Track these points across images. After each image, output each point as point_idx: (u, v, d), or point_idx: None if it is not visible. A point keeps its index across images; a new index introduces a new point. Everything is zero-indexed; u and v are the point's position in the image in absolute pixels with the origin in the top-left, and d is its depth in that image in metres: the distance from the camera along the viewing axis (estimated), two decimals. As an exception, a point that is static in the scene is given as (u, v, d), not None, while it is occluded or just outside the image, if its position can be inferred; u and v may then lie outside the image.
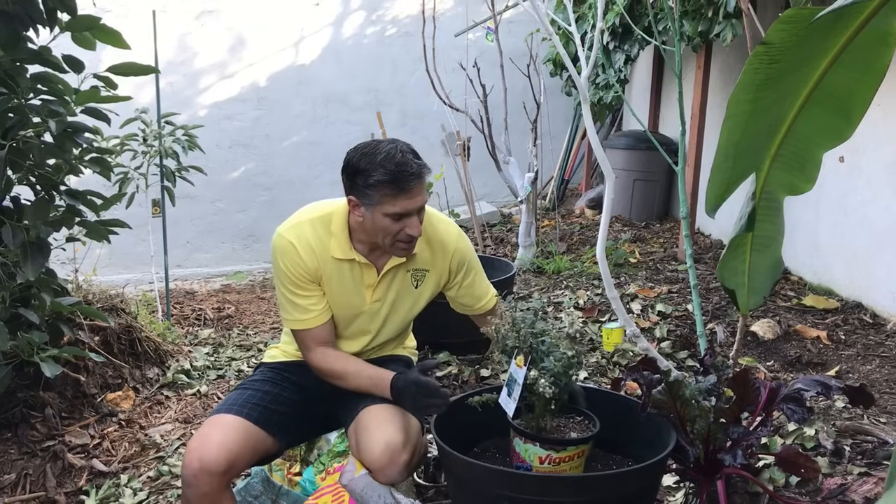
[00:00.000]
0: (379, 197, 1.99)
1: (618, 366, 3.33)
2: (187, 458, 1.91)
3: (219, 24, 6.85)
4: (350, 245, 2.13)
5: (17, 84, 2.31)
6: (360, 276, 2.17)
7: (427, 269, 2.26)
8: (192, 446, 1.93)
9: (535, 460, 1.84)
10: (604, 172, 2.47)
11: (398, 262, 2.18)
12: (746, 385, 1.93)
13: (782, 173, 1.87)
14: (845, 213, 4.00)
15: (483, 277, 2.40)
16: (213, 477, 1.89)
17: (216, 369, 3.74)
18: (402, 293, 2.24)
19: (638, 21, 5.08)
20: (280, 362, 2.30)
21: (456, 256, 2.27)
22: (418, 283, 2.26)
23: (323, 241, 2.12)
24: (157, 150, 4.28)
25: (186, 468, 1.90)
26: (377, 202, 2.00)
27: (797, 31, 1.53)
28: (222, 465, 1.90)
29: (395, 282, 2.22)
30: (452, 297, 2.39)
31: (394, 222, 2.02)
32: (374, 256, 2.17)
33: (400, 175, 1.97)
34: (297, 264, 2.11)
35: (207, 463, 1.88)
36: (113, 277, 5.78)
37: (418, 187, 2.02)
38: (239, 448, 1.95)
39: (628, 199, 6.27)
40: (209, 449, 1.90)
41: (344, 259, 2.13)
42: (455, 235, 2.29)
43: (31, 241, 2.38)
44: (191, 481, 1.90)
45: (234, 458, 1.93)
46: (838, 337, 3.52)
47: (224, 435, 1.95)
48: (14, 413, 2.82)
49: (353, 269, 2.16)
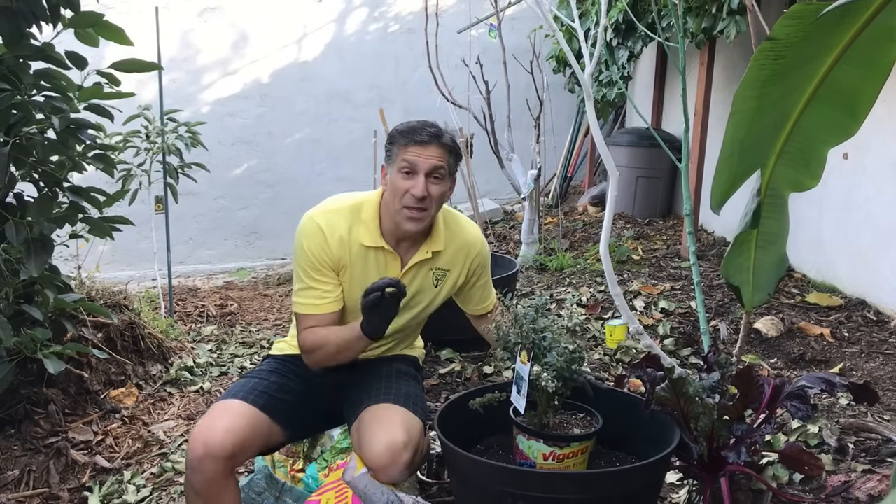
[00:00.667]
0: (396, 149, 2.12)
1: (621, 363, 3.33)
2: (192, 442, 1.91)
3: (221, 21, 6.85)
4: (380, 233, 2.17)
5: (20, 80, 2.30)
6: (384, 267, 2.19)
7: (448, 269, 2.30)
8: (198, 431, 1.93)
9: (538, 457, 1.84)
10: (607, 169, 2.46)
11: (423, 257, 2.22)
12: (750, 382, 1.93)
13: (787, 170, 1.87)
14: (849, 210, 3.99)
15: (490, 280, 2.47)
16: (217, 462, 1.88)
17: (219, 366, 3.75)
18: (422, 290, 2.27)
19: (641, 17, 5.07)
20: (287, 355, 2.31)
21: (477, 260, 2.35)
22: (438, 282, 2.29)
23: (352, 228, 2.16)
24: (160, 146, 4.28)
25: (191, 452, 1.89)
26: (395, 156, 2.12)
27: (803, 27, 1.52)
28: (227, 449, 1.89)
29: (417, 278, 2.24)
30: (464, 297, 2.45)
31: (404, 178, 2.08)
32: (401, 249, 2.21)
33: (417, 128, 2.11)
34: (322, 249, 2.13)
35: (212, 447, 1.88)
36: (116, 274, 5.78)
37: (434, 146, 2.10)
38: (244, 433, 1.94)
39: (631, 195, 6.26)
40: (214, 433, 1.90)
41: (372, 246, 2.16)
42: (480, 239, 2.38)
43: (35, 238, 2.38)
44: (196, 466, 1.88)
45: (239, 442, 1.92)
46: (842, 334, 3.51)
47: (230, 420, 1.94)
48: (17, 409, 2.82)
49: (378, 259, 2.18)
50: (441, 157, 2.10)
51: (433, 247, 2.23)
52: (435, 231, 2.24)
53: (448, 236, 2.27)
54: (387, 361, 2.30)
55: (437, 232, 2.24)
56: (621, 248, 5.10)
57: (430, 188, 2.09)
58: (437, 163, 2.09)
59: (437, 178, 2.10)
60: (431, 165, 2.08)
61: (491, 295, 2.47)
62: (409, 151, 2.09)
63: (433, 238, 2.24)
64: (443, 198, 2.16)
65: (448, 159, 2.13)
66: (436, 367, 3.39)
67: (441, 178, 2.12)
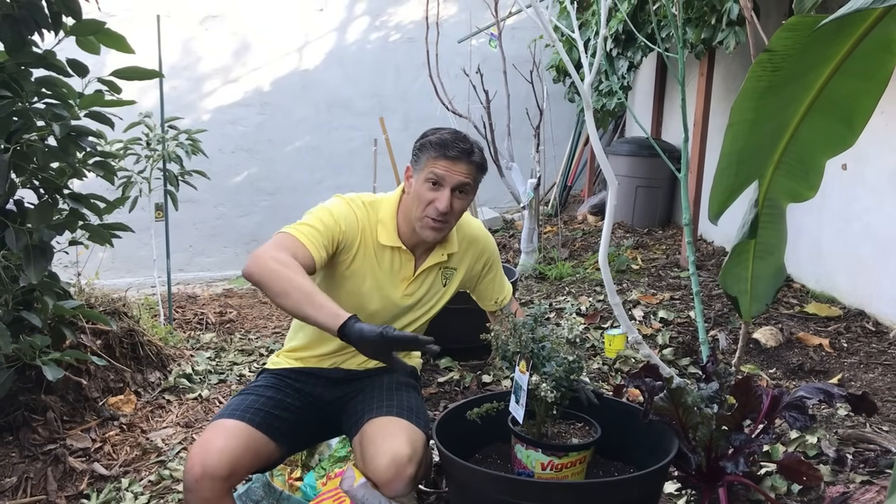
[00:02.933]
0: (426, 159, 2.12)
1: (620, 372, 3.33)
2: (189, 463, 1.89)
3: (223, 29, 6.87)
4: (396, 234, 2.20)
5: (21, 88, 2.31)
6: (398, 267, 2.22)
7: (456, 268, 2.34)
8: (195, 451, 1.91)
9: (536, 466, 1.84)
10: (606, 179, 2.47)
11: (439, 260, 2.26)
12: (748, 392, 1.93)
13: (785, 180, 1.88)
14: (848, 220, 3.99)
15: (502, 273, 2.51)
16: (215, 482, 1.87)
17: (218, 374, 3.74)
18: (432, 290, 2.31)
19: (641, 28, 5.09)
20: (283, 369, 2.29)
21: (485, 254, 2.40)
22: (447, 281, 2.33)
23: (372, 223, 2.19)
24: (160, 154, 4.28)
25: (188, 473, 1.88)
26: (423, 165, 2.12)
27: (800, 38, 1.53)
28: (224, 470, 1.88)
29: (428, 279, 2.28)
30: (476, 292, 2.50)
31: (430, 190, 2.10)
32: (416, 252, 2.24)
33: (449, 141, 2.10)
34: (349, 223, 2.14)
35: (210, 468, 1.87)
36: (115, 281, 5.79)
37: (464, 164, 2.11)
38: (241, 453, 1.93)
39: (631, 205, 6.27)
40: (211, 454, 1.89)
41: (388, 245, 2.18)
42: (485, 233, 2.43)
43: (34, 245, 2.38)
44: (192, 486, 1.87)
45: (236, 463, 1.91)
46: (841, 345, 3.51)
47: (226, 440, 1.93)
48: (16, 416, 2.82)
49: (393, 259, 2.20)
50: (469, 174, 2.12)
51: (449, 249, 2.28)
52: (450, 234, 2.28)
53: (458, 236, 2.31)
54: (386, 372, 2.28)
55: (451, 234, 2.28)
56: (621, 258, 5.10)
57: (454, 203, 2.11)
58: (464, 180, 2.11)
59: (462, 192, 2.13)
60: (459, 182, 2.10)
61: (505, 288, 2.51)
62: (438, 164, 2.10)
63: (449, 241, 2.28)
64: (463, 211, 2.19)
65: (475, 176, 2.16)
66: (434, 375, 3.39)
67: (466, 193, 2.15)
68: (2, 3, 2.24)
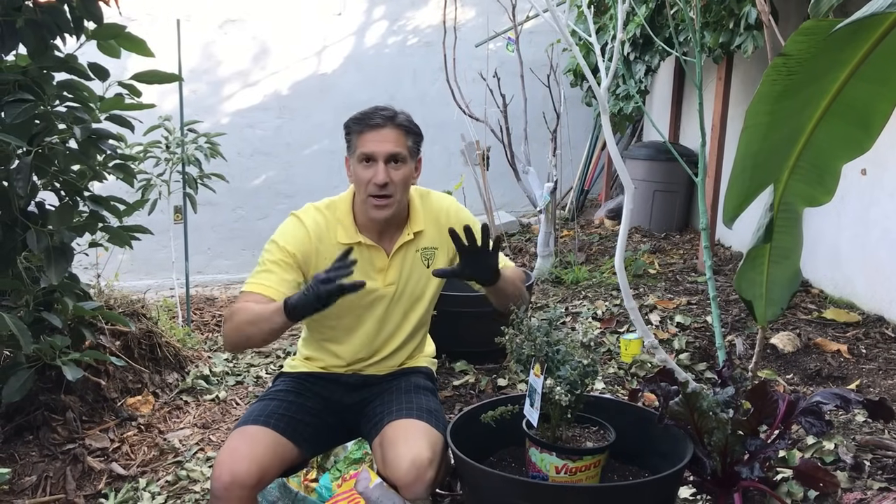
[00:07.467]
0: (355, 140, 2.12)
1: (635, 377, 3.32)
2: (217, 470, 1.89)
3: (242, 33, 6.92)
4: (355, 230, 2.18)
5: (43, 91, 2.34)
6: (368, 261, 2.18)
7: (436, 246, 2.27)
8: (222, 459, 1.91)
9: (551, 470, 1.84)
10: (623, 183, 2.47)
11: (405, 240, 2.21)
12: (764, 397, 1.92)
13: (801, 185, 1.87)
14: (867, 226, 3.96)
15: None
16: (244, 490, 1.88)
17: (235, 375, 3.77)
18: (415, 273, 2.25)
19: (659, 32, 5.08)
20: (301, 372, 2.30)
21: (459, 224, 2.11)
22: (429, 261, 2.27)
23: (331, 227, 2.17)
24: (179, 157, 4.33)
25: (217, 481, 1.88)
26: (354, 147, 2.12)
27: (815, 42, 1.52)
28: (254, 477, 1.89)
29: (406, 262, 2.23)
30: None
31: (364, 168, 2.09)
32: (385, 240, 2.21)
33: (369, 112, 2.12)
34: (298, 240, 2.13)
35: (239, 476, 1.87)
36: (134, 283, 5.83)
37: (388, 130, 2.10)
38: (269, 460, 1.94)
39: (648, 209, 6.25)
40: (240, 462, 1.89)
41: (349, 243, 2.13)
42: (449, 201, 2.34)
43: (55, 246, 2.41)
44: (221, 494, 1.87)
45: (264, 470, 1.92)
46: (859, 351, 3.48)
47: (253, 447, 1.94)
48: (36, 416, 2.85)
49: (361, 255, 2.15)
50: (398, 141, 2.10)
51: (414, 227, 2.23)
52: (413, 213, 2.24)
53: (425, 214, 2.26)
54: (403, 376, 2.29)
55: (415, 213, 2.25)
56: (637, 262, 5.08)
57: (391, 174, 2.09)
58: (394, 149, 2.09)
59: (396, 162, 2.10)
60: (389, 152, 2.09)
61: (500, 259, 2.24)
62: (365, 139, 2.09)
63: (412, 220, 2.24)
64: (407, 181, 2.16)
65: (406, 141, 2.13)
66: (450, 378, 3.40)
67: (403, 161, 2.12)
68: (25, 9, 2.28)
